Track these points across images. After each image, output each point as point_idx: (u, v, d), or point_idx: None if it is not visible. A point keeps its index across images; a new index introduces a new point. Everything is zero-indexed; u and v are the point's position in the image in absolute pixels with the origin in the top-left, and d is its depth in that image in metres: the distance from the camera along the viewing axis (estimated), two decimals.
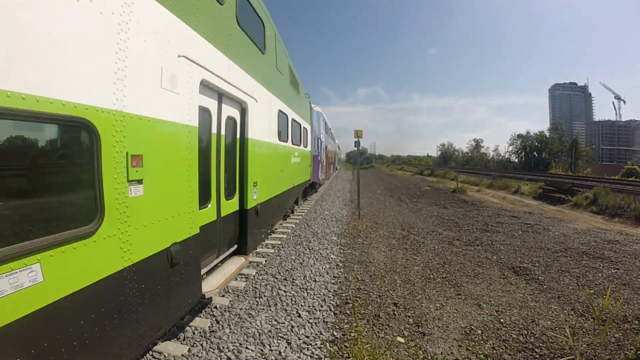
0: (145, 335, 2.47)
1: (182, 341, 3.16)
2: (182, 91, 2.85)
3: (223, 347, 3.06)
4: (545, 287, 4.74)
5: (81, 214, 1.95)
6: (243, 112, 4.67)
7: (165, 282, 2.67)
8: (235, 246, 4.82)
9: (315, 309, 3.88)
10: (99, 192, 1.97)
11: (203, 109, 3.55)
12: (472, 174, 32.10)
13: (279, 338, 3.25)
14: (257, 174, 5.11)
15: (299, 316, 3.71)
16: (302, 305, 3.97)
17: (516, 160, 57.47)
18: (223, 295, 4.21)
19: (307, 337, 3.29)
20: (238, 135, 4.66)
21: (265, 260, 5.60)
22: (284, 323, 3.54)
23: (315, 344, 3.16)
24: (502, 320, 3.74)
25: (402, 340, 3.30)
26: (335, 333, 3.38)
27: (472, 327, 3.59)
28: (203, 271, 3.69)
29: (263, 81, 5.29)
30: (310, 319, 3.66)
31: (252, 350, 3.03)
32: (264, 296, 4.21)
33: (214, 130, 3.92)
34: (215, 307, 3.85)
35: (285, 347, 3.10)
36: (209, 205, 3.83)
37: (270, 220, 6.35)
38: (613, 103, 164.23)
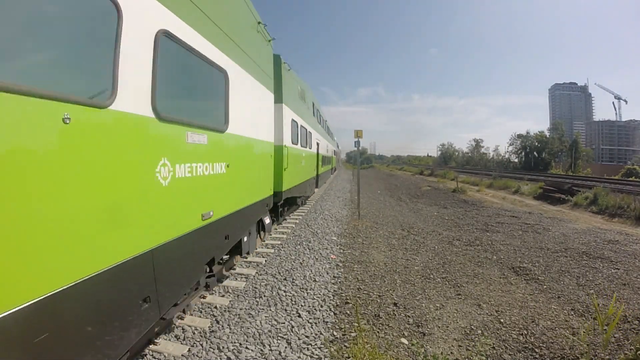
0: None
1: (182, 341, 3.16)
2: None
3: (223, 347, 3.06)
4: (545, 287, 4.74)
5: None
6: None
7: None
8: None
9: (315, 309, 3.88)
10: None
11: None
12: (472, 174, 32.09)
13: (279, 338, 3.25)
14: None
15: (299, 316, 3.71)
16: (302, 305, 3.97)
17: (516, 160, 57.45)
18: (223, 296, 4.21)
19: (307, 337, 3.29)
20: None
21: (265, 260, 5.60)
22: (284, 323, 3.54)
23: (315, 344, 3.16)
24: (502, 320, 3.74)
25: (405, 342, 3.30)
26: (335, 333, 3.38)
27: (472, 327, 3.59)
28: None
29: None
30: (310, 319, 3.66)
31: (252, 350, 3.03)
32: (264, 296, 4.21)
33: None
34: (215, 307, 3.85)
35: (285, 347, 3.10)
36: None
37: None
38: (613, 103, 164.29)
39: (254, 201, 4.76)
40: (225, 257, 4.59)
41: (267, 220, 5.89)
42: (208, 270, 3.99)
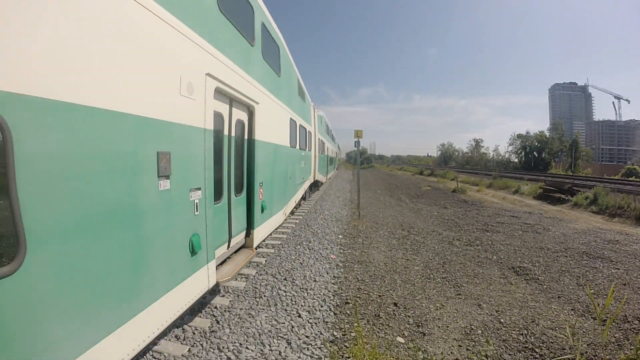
0: None
1: (182, 341, 3.16)
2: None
3: (223, 347, 3.06)
4: (545, 287, 4.74)
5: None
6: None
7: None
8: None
9: (315, 309, 3.88)
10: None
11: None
12: (472, 174, 32.10)
13: (279, 338, 3.25)
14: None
15: (299, 316, 3.71)
16: (302, 305, 3.97)
17: (516, 160, 57.41)
18: (223, 296, 4.21)
19: (307, 337, 3.29)
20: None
21: (265, 260, 5.60)
22: (284, 323, 3.54)
23: (315, 344, 3.16)
24: (502, 320, 3.74)
25: (402, 341, 3.30)
26: (335, 333, 3.38)
27: (472, 327, 3.59)
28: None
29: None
30: (310, 319, 3.66)
31: (252, 350, 3.03)
32: (264, 296, 4.21)
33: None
34: (215, 307, 3.85)
35: (285, 347, 3.10)
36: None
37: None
38: (613, 103, 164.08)
39: None
40: None
41: None
42: None
